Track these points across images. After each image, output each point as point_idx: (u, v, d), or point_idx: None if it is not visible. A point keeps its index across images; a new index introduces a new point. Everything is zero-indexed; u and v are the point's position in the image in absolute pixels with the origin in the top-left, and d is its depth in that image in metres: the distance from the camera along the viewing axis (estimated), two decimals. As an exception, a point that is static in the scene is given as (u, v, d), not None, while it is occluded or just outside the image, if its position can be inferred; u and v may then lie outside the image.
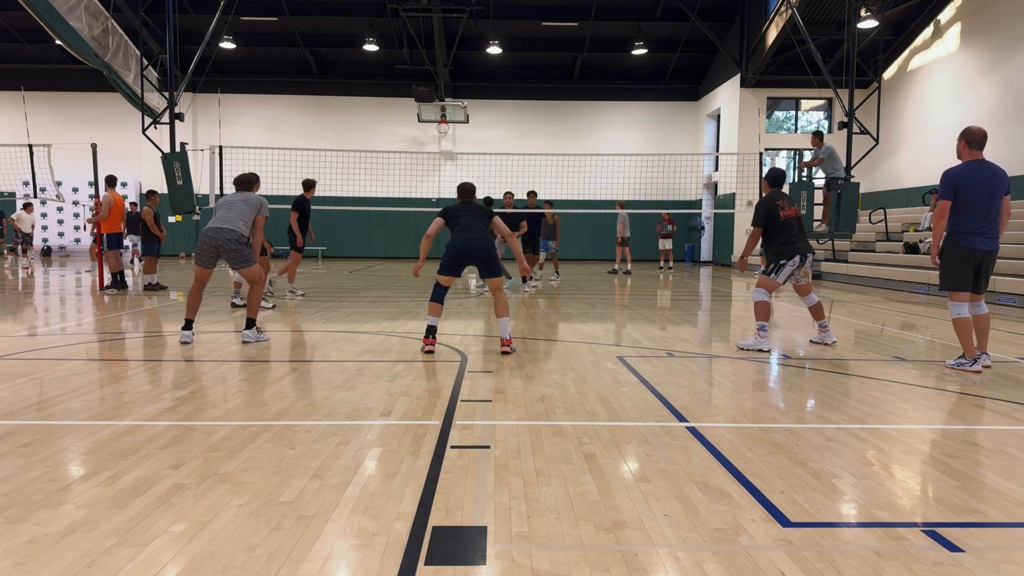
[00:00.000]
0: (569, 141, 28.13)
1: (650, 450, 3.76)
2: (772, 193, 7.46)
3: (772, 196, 7.40)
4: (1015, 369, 6.29)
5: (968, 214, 5.96)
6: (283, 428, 4.09)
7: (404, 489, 3.14)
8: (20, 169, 16.88)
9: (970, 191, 5.94)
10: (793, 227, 7.30)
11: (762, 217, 7.32)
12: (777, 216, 7.28)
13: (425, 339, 6.78)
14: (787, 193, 7.60)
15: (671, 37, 26.51)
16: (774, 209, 7.29)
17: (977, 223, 5.95)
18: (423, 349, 6.75)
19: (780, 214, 7.28)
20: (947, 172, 6.09)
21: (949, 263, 6.08)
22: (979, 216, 5.95)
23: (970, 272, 6.06)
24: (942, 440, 4.04)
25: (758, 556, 2.54)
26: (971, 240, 5.97)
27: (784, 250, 7.25)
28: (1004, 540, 2.74)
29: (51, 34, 15.69)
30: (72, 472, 3.33)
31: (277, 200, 25.40)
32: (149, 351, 6.89)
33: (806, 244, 7.34)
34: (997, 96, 17.46)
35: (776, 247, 7.32)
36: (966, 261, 6.02)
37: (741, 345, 7.25)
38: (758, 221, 7.35)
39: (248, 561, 2.45)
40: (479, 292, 12.94)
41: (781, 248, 7.28)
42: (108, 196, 12.52)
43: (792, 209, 7.36)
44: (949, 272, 6.11)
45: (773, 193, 7.45)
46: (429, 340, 6.76)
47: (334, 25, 26.32)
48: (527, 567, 2.44)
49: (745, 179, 21.32)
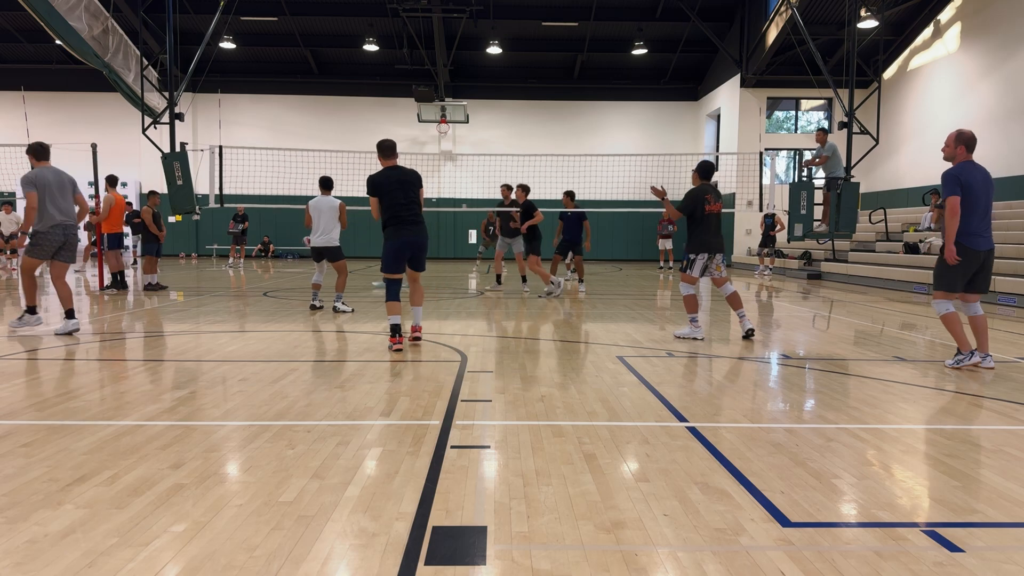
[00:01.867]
0: (569, 141, 28.12)
1: (650, 450, 3.76)
2: (703, 185, 7.72)
3: (703, 188, 7.68)
4: (1015, 369, 6.29)
5: (970, 213, 5.95)
6: (283, 428, 4.09)
7: (404, 489, 3.14)
8: (20, 169, 16.90)
9: (972, 190, 5.96)
10: (712, 223, 7.65)
11: (690, 207, 7.67)
12: (703, 209, 7.61)
13: (392, 338, 6.77)
14: (716, 187, 7.93)
15: (671, 37, 26.51)
16: (702, 202, 7.61)
17: (977, 223, 5.99)
18: (391, 348, 6.74)
19: (705, 208, 7.60)
20: (950, 171, 6.06)
21: (953, 266, 6.06)
22: (979, 216, 5.99)
23: (968, 274, 6.10)
24: (942, 440, 4.04)
25: (758, 556, 2.54)
26: (975, 242, 6.01)
27: (696, 245, 7.68)
28: (1004, 540, 2.74)
29: (51, 34, 15.69)
30: (72, 472, 3.33)
31: (277, 200, 25.41)
32: (149, 351, 6.89)
33: (719, 241, 7.75)
34: (997, 96, 17.46)
35: (692, 240, 7.73)
36: (970, 264, 6.04)
37: (678, 334, 7.78)
38: (685, 209, 7.72)
39: (248, 561, 2.45)
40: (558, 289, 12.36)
41: (695, 242, 7.69)
42: (109, 196, 12.52)
43: (717, 205, 7.68)
44: (952, 274, 6.10)
45: (703, 186, 7.71)
46: (396, 339, 6.76)
47: (334, 25, 26.33)
48: (527, 567, 2.44)
49: (745, 179, 21.31)
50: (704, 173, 7.74)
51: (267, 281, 15.77)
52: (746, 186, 21.34)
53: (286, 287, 13.64)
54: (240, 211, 21.25)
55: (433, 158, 27.83)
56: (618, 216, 26.94)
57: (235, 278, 16.67)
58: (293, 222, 27.63)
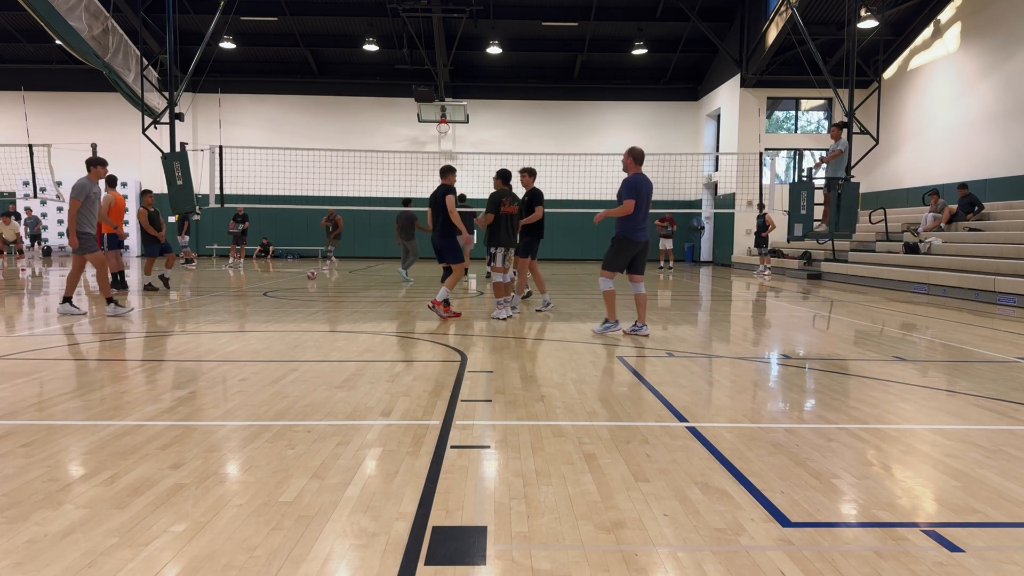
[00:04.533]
0: (569, 141, 28.13)
1: (650, 450, 3.76)
2: (501, 190, 9.25)
3: (500, 192, 9.21)
4: (1015, 369, 6.29)
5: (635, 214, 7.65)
6: (283, 428, 4.09)
7: (404, 489, 3.14)
8: (20, 169, 16.89)
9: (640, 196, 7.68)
10: (507, 222, 9.20)
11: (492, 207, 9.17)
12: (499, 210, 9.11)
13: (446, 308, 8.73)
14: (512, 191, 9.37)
15: (671, 37, 26.52)
16: (499, 203, 9.08)
17: (639, 221, 7.72)
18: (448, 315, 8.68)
19: (501, 209, 9.09)
20: (627, 180, 7.75)
21: (619, 252, 7.82)
22: (640, 216, 7.70)
23: (629, 259, 7.84)
24: (942, 440, 4.04)
25: (758, 556, 2.54)
26: (636, 235, 7.74)
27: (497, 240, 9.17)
28: (1004, 540, 2.74)
29: (51, 34, 15.71)
30: (72, 472, 3.33)
31: (277, 200, 25.37)
32: (149, 351, 6.89)
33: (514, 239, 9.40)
34: (997, 96, 17.46)
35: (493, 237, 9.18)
36: (631, 251, 7.81)
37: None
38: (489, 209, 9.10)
39: (248, 561, 2.45)
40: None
41: (496, 238, 9.19)
42: (109, 196, 12.50)
43: (512, 207, 9.20)
44: (618, 259, 7.85)
45: (501, 190, 9.25)
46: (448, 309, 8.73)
47: (334, 25, 26.33)
48: (527, 567, 2.44)
49: (745, 179, 21.33)
50: (504, 179, 9.33)
51: (267, 281, 15.77)
52: (746, 186, 21.36)
53: (286, 287, 13.64)
54: (240, 211, 21.26)
55: (433, 158, 27.83)
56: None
57: (235, 278, 16.67)
58: (293, 222, 27.64)
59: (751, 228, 21.53)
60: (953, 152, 19.11)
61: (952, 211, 16.81)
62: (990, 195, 17.36)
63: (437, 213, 9.32)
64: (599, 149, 27.22)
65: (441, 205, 9.20)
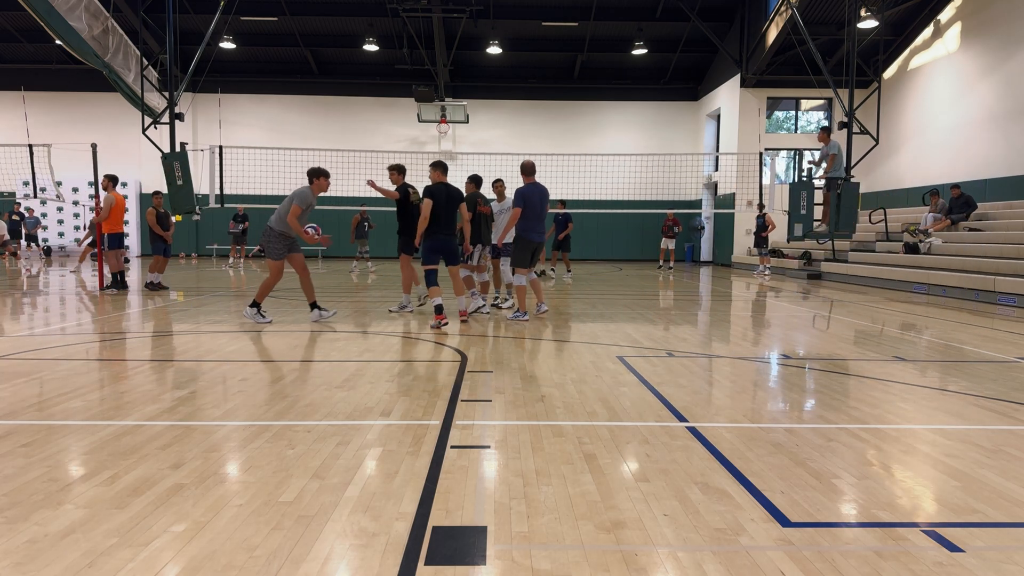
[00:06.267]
0: (569, 141, 28.12)
1: (650, 450, 3.76)
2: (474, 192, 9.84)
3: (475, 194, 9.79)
4: (1015, 369, 6.29)
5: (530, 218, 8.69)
6: (283, 428, 4.09)
7: (404, 489, 3.14)
8: (20, 169, 16.89)
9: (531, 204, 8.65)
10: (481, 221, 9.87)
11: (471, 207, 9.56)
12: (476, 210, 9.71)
13: (437, 316, 8.25)
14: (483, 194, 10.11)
15: (671, 37, 26.51)
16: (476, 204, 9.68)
17: (534, 225, 8.77)
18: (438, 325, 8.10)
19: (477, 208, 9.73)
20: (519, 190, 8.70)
21: (523, 251, 8.79)
22: (535, 220, 8.76)
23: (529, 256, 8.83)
24: (942, 440, 4.04)
25: (758, 556, 2.54)
26: (532, 236, 8.79)
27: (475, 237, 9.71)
28: (1004, 540, 2.74)
29: (51, 34, 15.70)
30: (72, 472, 3.33)
31: (277, 200, 25.37)
32: (149, 351, 6.89)
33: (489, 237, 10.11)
34: (997, 96, 17.46)
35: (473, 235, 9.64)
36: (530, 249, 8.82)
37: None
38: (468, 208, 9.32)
39: (248, 561, 2.45)
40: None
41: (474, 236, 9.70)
42: (109, 196, 12.51)
43: (485, 208, 9.93)
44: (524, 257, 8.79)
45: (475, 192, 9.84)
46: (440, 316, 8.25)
47: (334, 25, 26.32)
48: (527, 567, 2.44)
49: (745, 179, 21.32)
50: (475, 183, 9.99)
51: (267, 281, 15.72)
52: (746, 186, 21.34)
53: (286, 287, 13.62)
54: (240, 211, 21.24)
55: (433, 158, 27.79)
56: (618, 216, 26.94)
57: (235, 278, 16.67)
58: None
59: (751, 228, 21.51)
60: (953, 152, 19.10)
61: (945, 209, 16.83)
62: (990, 195, 17.36)
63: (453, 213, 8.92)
64: (599, 149, 27.22)
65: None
